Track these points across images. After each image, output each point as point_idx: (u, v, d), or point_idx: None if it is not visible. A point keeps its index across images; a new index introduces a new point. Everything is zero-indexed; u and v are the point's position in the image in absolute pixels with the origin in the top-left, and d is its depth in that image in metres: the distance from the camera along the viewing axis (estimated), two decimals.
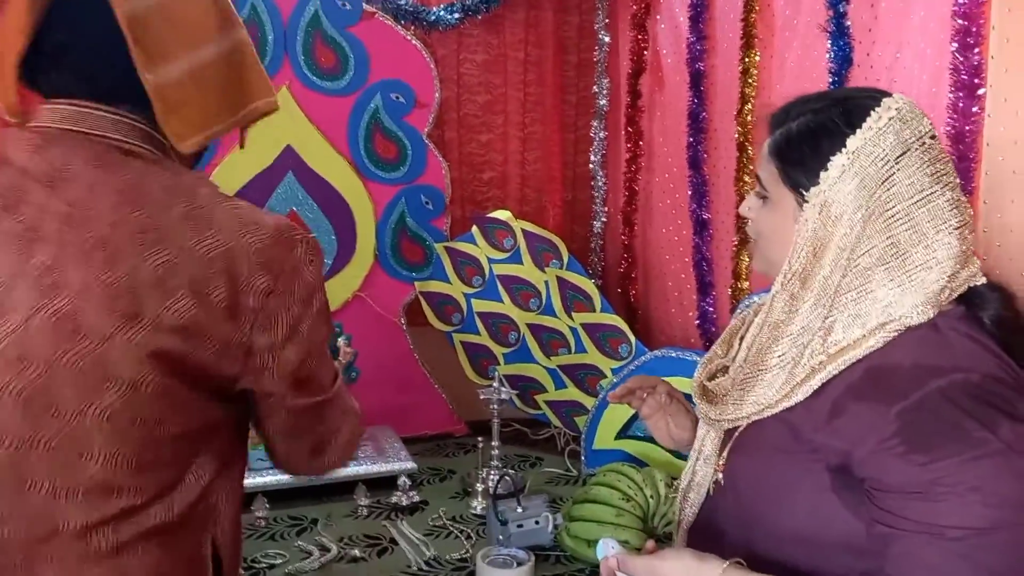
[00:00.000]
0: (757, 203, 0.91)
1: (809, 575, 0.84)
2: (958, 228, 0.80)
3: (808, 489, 0.83)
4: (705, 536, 0.95)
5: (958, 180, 0.83)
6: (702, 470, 0.98)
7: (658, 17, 1.94)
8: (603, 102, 2.18)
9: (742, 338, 0.96)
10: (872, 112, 0.81)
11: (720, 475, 0.94)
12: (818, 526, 0.83)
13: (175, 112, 0.79)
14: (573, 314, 1.89)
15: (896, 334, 0.80)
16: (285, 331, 0.80)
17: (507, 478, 1.55)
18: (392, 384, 1.98)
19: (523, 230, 1.93)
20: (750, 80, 1.59)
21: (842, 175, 0.80)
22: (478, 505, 1.63)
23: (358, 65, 1.92)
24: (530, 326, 1.96)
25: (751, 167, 1.60)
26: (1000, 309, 0.83)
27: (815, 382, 0.83)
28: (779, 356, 0.85)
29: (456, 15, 2.00)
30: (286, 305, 0.80)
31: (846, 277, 0.81)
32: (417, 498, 1.65)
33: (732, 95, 1.65)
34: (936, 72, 1.16)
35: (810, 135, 0.84)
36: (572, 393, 1.91)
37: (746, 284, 1.65)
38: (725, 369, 0.96)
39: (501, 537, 1.39)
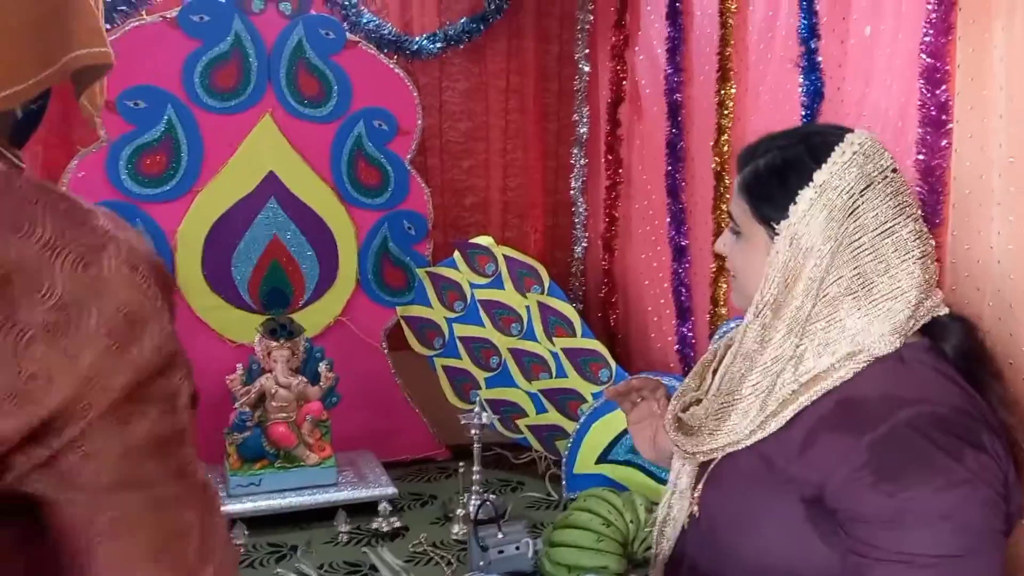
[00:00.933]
0: (731, 239, 0.94)
1: None
2: (921, 258, 0.83)
3: (782, 520, 0.84)
4: (681, 570, 0.96)
5: (920, 212, 0.86)
6: (678, 504, 0.99)
7: (636, 48, 1.98)
8: (583, 130, 2.22)
9: (715, 371, 0.98)
10: (836, 147, 0.84)
11: (695, 507, 0.95)
12: (793, 557, 0.84)
13: None
14: (554, 339, 1.91)
15: (865, 364, 0.83)
16: None
17: (488, 503, 1.56)
18: (373, 409, 1.98)
19: (504, 256, 1.95)
20: (726, 111, 1.63)
21: (810, 208, 0.83)
22: (459, 531, 1.63)
23: (341, 93, 1.94)
24: (512, 351, 1.97)
25: (728, 195, 1.64)
26: (962, 340, 0.86)
27: (788, 412, 0.85)
28: (752, 385, 0.87)
29: (438, 44, 2.04)
30: None
31: (816, 307, 0.83)
32: (398, 524, 1.65)
33: (709, 125, 1.69)
34: (902, 107, 1.20)
35: (777, 170, 0.87)
36: (553, 417, 1.92)
37: (724, 310, 1.68)
38: (699, 401, 0.98)
39: (482, 563, 1.39)
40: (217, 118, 1.84)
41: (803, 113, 1.39)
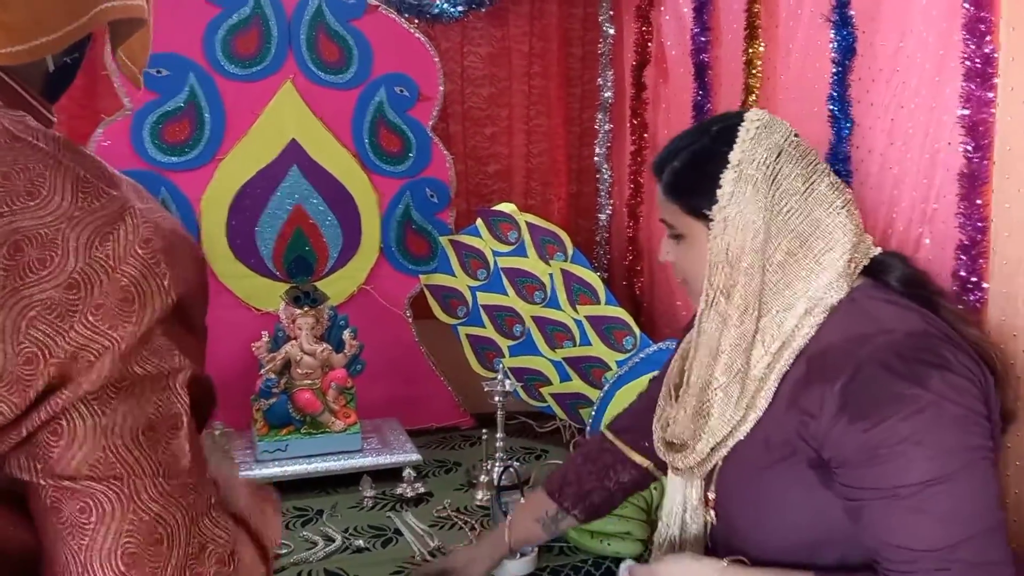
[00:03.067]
0: (672, 244, 0.97)
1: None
2: (844, 207, 0.88)
3: (798, 493, 0.85)
4: None
5: (827, 166, 0.92)
6: (693, 522, 0.98)
7: (662, 8, 1.93)
8: (608, 94, 2.18)
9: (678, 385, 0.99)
10: (740, 127, 0.90)
11: (712, 515, 0.96)
12: (818, 527, 0.85)
13: None
14: (578, 307, 1.89)
15: (822, 316, 0.87)
16: None
17: (511, 470, 1.56)
18: (398, 377, 1.99)
19: (527, 223, 1.93)
20: (754, 71, 1.58)
21: (734, 187, 0.88)
22: (482, 496, 1.64)
23: (362, 59, 1.92)
24: (535, 319, 1.96)
25: None
26: (902, 270, 0.90)
27: (771, 384, 0.87)
28: (724, 367, 0.89)
29: (459, 8, 2.00)
30: None
31: (765, 276, 0.87)
32: (422, 489, 1.66)
33: (736, 86, 1.64)
34: (940, 61, 1.15)
35: (695, 164, 0.92)
36: (577, 386, 1.91)
37: None
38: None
39: None
40: (238, 85, 1.84)
41: (834, 70, 1.34)
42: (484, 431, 1.73)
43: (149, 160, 1.79)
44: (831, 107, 1.36)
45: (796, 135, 0.91)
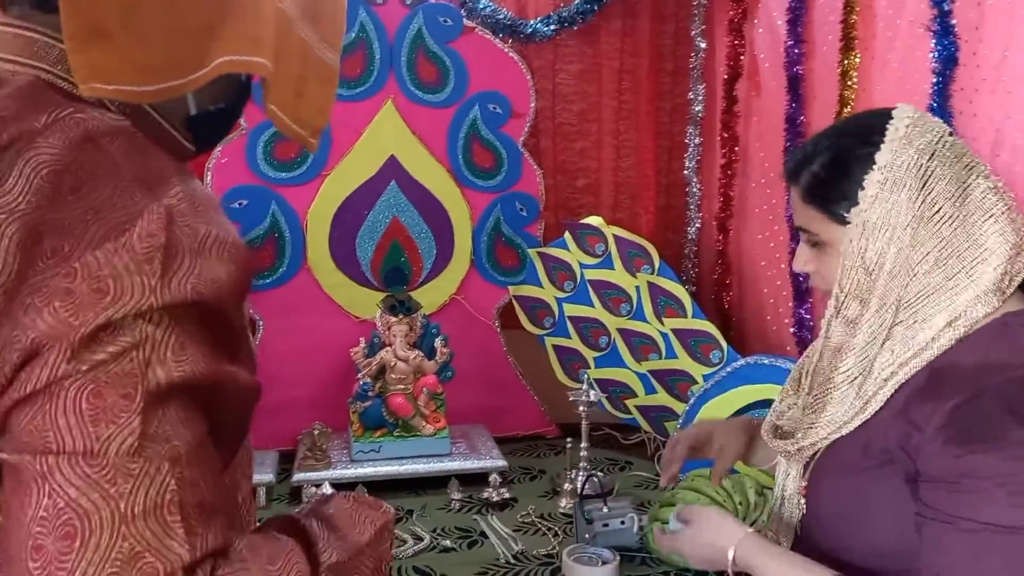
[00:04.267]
0: (811, 253, 0.91)
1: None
2: (1006, 213, 0.80)
3: (890, 503, 0.83)
4: None
5: (989, 168, 0.83)
6: (787, 510, 0.97)
7: (755, 21, 1.92)
8: (698, 108, 2.18)
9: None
10: (888, 126, 0.83)
11: (803, 502, 0.94)
12: (906, 540, 0.81)
13: (95, 39, 0.53)
14: (664, 319, 1.89)
15: (964, 331, 0.80)
16: None
17: (594, 479, 1.58)
18: (486, 385, 2.04)
19: (614, 235, 1.96)
20: (850, 83, 1.56)
21: (880, 190, 0.81)
22: (566, 504, 1.66)
23: (458, 78, 2.01)
24: (621, 331, 1.97)
25: None
26: None
27: (887, 390, 0.83)
28: (844, 373, 0.86)
29: (552, 27, 2.06)
30: None
31: (908, 287, 0.82)
32: (507, 495, 1.70)
33: (831, 98, 1.61)
34: None
35: (838, 166, 0.85)
36: (662, 398, 1.91)
37: None
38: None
39: (587, 536, 1.42)
40: (343, 105, 1.95)
41: (934, 80, 1.30)
42: (569, 440, 1.76)
43: (262, 176, 1.92)
44: None
45: (951, 134, 0.84)
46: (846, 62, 1.56)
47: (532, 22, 2.05)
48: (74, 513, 0.44)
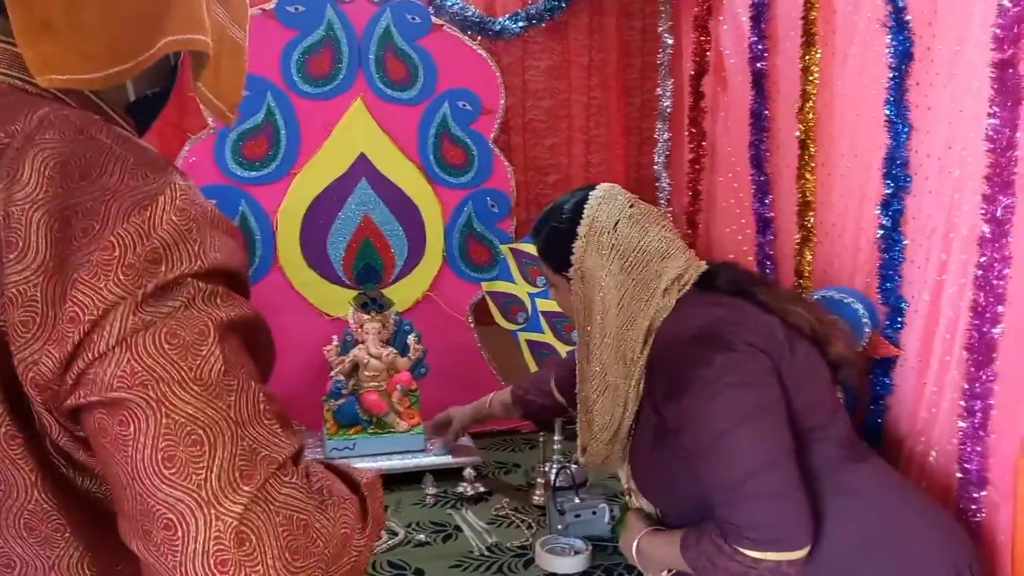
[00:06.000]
0: (552, 291, 1.32)
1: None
2: (675, 252, 1.18)
3: (669, 460, 1.13)
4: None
5: (662, 215, 1.24)
6: (636, 500, 1.27)
7: (720, 18, 1.95)
8: (667, 103, 2.20)
9: None
10: (585, 206, 1.20)
11: (633, 491, 1.25)
12: (694, 481, 1.07)
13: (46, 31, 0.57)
14: None
15: (658, 326, 1.15)
16: None
17: (567, 471, 1.60)
18: (460, 380, 2.05)
19: None
20: (811, 78, 1.59)
21: (584, 251, 1.19)
22: (540, 496, 1.68)
23: (427, 75, 2.01)
24: None
25: (813, 164, 1.60)
26: (728, 272, 1.20)
27: (633, 386, 1.17)
28: (597, 383, 1.20)
29: (520, 24, 2.07)
30: None
31: (619, 314, 1.16)
32: (482, 489, 1.72)
33: (794, 93, 1.65)
34: None
35: (554, 237, 1.23)
36: None
37: (809, 282, 1.64)
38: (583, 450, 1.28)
39: (560, 527, 1.43)
40: (312, 103, 1.95)
41: (891, 75, 1.34)
42: (542, 434, 1.78)
43: (230, 175, 1.91)
44: (888, 112, 1.36)
45: (632, 204, 1.21)
46: (807, 58, 1.59)
47: (500, 19, 2.06)
48: (195, 425, 0.53)
